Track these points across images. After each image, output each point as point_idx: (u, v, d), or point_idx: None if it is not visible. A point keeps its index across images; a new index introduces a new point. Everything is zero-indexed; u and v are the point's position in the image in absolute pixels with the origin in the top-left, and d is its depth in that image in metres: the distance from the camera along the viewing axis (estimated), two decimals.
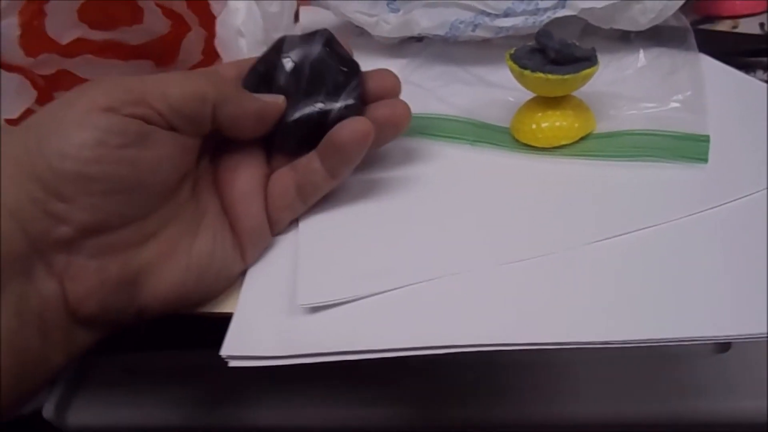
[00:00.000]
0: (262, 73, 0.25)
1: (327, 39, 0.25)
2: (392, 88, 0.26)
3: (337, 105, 0.24)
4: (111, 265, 0.21)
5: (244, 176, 0.24)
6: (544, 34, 0.25)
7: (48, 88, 0.32)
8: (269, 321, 0.22)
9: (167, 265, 0.22)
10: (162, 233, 0.22)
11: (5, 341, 0.19)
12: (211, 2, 0.31)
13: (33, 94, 0.29)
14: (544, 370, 0.31)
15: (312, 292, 0.22)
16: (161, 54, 0.36)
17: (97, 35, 0.32)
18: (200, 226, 0.23)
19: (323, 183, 0.24)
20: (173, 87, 0.21)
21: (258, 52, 0.29)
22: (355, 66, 0.25)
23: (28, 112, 0.29)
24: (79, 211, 0.20)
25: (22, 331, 0.19)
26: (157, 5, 0.32)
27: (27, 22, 0.28)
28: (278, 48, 0.25)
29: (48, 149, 0.19)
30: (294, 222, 0.25)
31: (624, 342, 0.19)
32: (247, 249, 0.24)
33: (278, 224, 0.24)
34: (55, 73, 0.32)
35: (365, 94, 0.25)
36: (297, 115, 0.24)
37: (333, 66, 0.24)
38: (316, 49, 0.24)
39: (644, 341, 0.19)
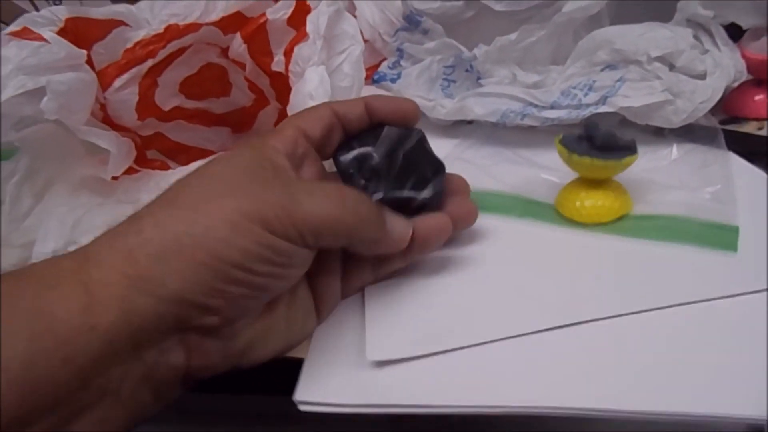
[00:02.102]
0: (356, 154, 0.27)
1: (421, 138, 0.28)
2: (463, 189, 0.30)
3: (422, 195, 0.27)
4: (234, 344, 0.23)
5: (328, 257, 0.26)
6: (591, 124, 0.29)
7: (143, 147, 0.36)
8: (338, 372, 0.24)
9: (270, 336, 0.25)
10: (270, 311, 0.25)
11: (125, 404, 0.21)
12: (291, 77, 0.36)
13: (134, 154, 0.34)
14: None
15: (379, 348, 0.24)
16: (240, 123, 0.40)
17: (190, 104, 0.37)
18: (295, 301, 0.26)
19: (397, 263, 0.28)
20: (317, 212, 0.23)
21: None
22: (441, 166, 0.28)
23: (128, 170, 0.34)
24: (229, 308, 0.22)
25: (141, 394, 0.21)
26: (246, 79, 0.37)
27: (144, 91, 0.33)
28: (377, 133, 0.28)
29: (222, 254, 0.21)
30: None
31: (657, 414, 0.21)
32: (323, 314, 0.27)
33: (349, 293, 0.28)
34: (152, 135, 0.36)
35: (446, 191, 0.28)
36: (385, 195, 0.27)
37: (423, 161, 0.28)
38: (410, 143, 0.28)
39: (674, 414, 0.21)
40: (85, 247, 0.22)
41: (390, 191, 0.27)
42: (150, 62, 0.32)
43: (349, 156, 0.27)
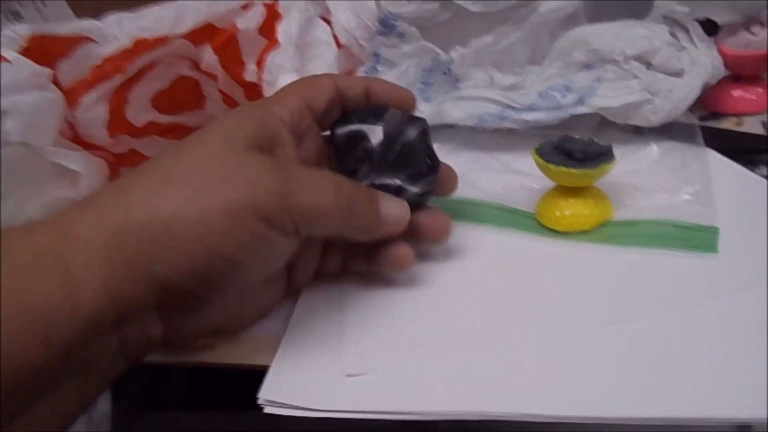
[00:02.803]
0: (355, 130, 0.27)
1: (423, 129, 0.27)
2: (451, 183, 0.29)
3: (414, 190, 0.26)
4: (211, 319, 0.24)
5: (310, 240, 0.26)
6: (567, 139, 0.28)
7: (117, 165, 0.36)
8: (308, 375, 0.24)
9: (243, 310, 0.25)
10: (247, 289, 0.25)
11: (99, 373, 0.21)
12: (264, 86, 0.35)
13: (107, 173, 0.33)
14: None
15: (356, 363, 0.24)
16: None
17: (164, 119, 0.36)
18: (269, 284, 0.26)
19: (364, 269, 0.28)
20: (314, 203, 0.23)
21: None
22: (437, 162, 0.28)
23: None
24: (212, 293, 0.22)
25: (115, 363, 0.21)
26: (219, 91, 0.36)
27: (114, 108, 0.32)
28: (379, 114, 0.27)
29: (214, 246, 0.21)
30: (334, 291, 0.28)
31: (645, 420, 0.21)
32: (294, 288, 0.28)
33: (323, 273, 0.28)
34: (126, 152, 0.35)
35: (438, 188, 0.28)
36: (376, 181, 0.26)
37: (421, 154, 0.27)
38: (412, 133, 0.27)
39: (665, 420, 0.21)
40: (64, 220, 0.21)
41: (380, 179, 0.26)
42: (119, 78, 0.31)
43: (346, 130, 0.27)
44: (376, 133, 0.26)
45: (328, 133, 0.28)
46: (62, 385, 0.20)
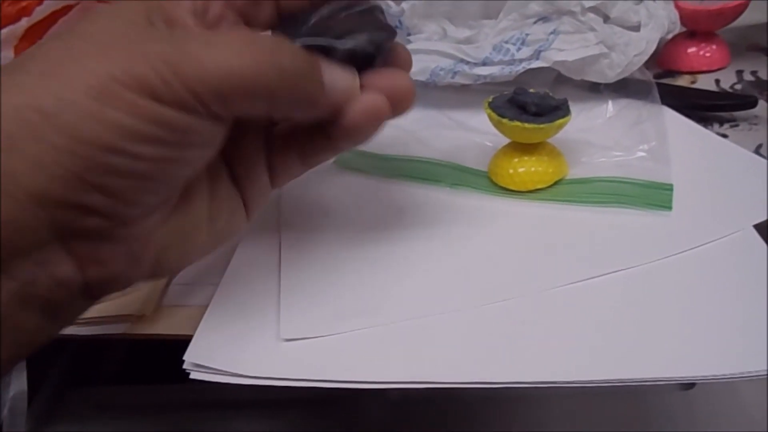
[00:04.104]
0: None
1: (376, 6, 0.22)
2: (404, 63, 0.23)
3: (346, 45, 0.20)
4: (141, 248, 0.19)
5: (246, 139, 0.22)
6: (521, 92, 0.27)
7: None
8: (239, 338, 0.22)
9: (189, 238, 0.21)
10: (184, 208, 0.20)
11: (3, 331, 0.17)
12: None
13: None
14: (512, 405, 0.31)
15: (294, 327, 0.22)
16: None
17: None
18: (215, 195, 0.21)
19: (327, 153, 0.23)
20: (219, 65, 0.17)
21: None
22: (390, 29, 0.22)
23: None
24: (114, 205, 0.17)
25: (23, 317, 0.17)
26: None
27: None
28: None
29: (87, 134, 0.16)
30: (273, 251, 0.26)
31: (593, 382, 0.20)
32: (252, 209, 0.23)
33: (278, 184, 0.23)
34: None
35: (389, 57, 0.22)
36: (313, 42, 0.20)
37: (369, 24, 0.21)
38: (360, 7, 0.21)
39: (612, 381, 0.20)
40: None
41: (317, 40, 0.20)
42: (25, 21, 0.28)
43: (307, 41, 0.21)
44: (319, 12, 0.21)
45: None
46: None
